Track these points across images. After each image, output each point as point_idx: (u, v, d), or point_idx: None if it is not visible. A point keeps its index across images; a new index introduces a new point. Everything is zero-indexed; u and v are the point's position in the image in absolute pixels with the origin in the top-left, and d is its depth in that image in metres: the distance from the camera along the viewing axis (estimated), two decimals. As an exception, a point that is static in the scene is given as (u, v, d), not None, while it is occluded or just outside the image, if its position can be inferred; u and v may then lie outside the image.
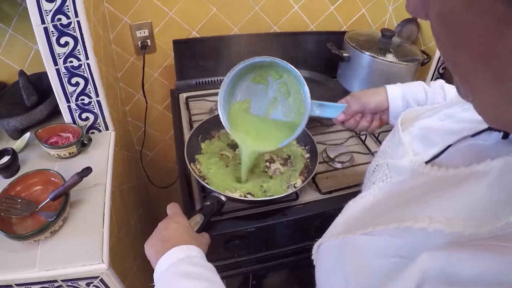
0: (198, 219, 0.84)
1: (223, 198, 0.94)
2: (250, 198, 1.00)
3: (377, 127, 0.92)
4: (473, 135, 0.49)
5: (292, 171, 1.11)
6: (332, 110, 0.92)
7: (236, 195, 1.00)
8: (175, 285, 0.62)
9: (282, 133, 0.97)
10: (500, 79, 0.31)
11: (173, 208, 0.82)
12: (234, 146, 1.17)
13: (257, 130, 1.01)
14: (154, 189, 1.99)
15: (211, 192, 0.95)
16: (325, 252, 0.57)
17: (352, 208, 0.57)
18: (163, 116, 1.77)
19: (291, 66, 0.90)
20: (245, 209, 1.03)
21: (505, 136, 0.44)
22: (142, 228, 1.55)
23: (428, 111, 0.64)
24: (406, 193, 0.50)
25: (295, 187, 1.05)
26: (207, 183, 1.00)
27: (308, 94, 0.89)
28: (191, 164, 1.05)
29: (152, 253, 0.71)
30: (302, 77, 0.90)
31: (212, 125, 1.19)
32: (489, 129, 0.46)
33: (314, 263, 0.61)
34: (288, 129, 0.96)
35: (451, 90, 0.86)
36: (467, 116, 0.53)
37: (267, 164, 1.13)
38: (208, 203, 0.91)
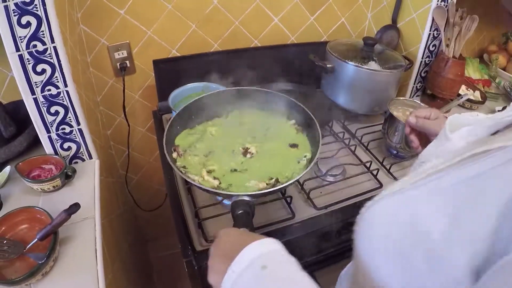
0: None
1: (247, 198, 0.80)
2: (279, 186, 0.87)
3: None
4: None
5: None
6: None
7: (260, 187, 0.90)
8: None
9: None
10: None
11: None
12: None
13: None
14: (141, 212, 1.94)
15: (225, 198, 0.85)
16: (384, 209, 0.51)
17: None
18: (146, 138, 1.73)
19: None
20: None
21: None
22: (135, 256, 1.50)
23: (475, 119, 0.63)
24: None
25: (306, 157, 1.01)
26: (218, 188, 0.89)
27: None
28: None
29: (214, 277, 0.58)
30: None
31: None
32: None
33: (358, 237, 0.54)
34: None
35: None
36: None
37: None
38: (241, 212, 0.76)
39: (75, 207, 0.88)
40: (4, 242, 0.86)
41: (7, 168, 1.10)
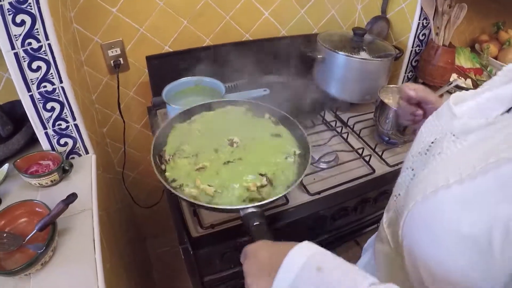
0: None
1: (254, 209, 0.80)
2: (280, 194, 0.88)
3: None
4: None
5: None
6: None
7: (252, 188, 0.90)
8: None
9: None
10: None
11: None
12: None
13: None
14: (139, 209, 1.95)
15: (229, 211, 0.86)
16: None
17: (430, 165, 0.54)
18: (142, 135, 1.74)
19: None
20: (236, 219, 1.02)
21: None
22: (134, 252, 1.51)
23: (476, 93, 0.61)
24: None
25: (296, 154, 1.02)
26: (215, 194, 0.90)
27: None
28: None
29: None
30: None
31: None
32: None
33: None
34: None
35: None
36: None
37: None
38: (257, 223, 0.76)
39: (72, 197, 0.89)
40: (4, 235, 0.87)
41: (5, 166, 1.11)
